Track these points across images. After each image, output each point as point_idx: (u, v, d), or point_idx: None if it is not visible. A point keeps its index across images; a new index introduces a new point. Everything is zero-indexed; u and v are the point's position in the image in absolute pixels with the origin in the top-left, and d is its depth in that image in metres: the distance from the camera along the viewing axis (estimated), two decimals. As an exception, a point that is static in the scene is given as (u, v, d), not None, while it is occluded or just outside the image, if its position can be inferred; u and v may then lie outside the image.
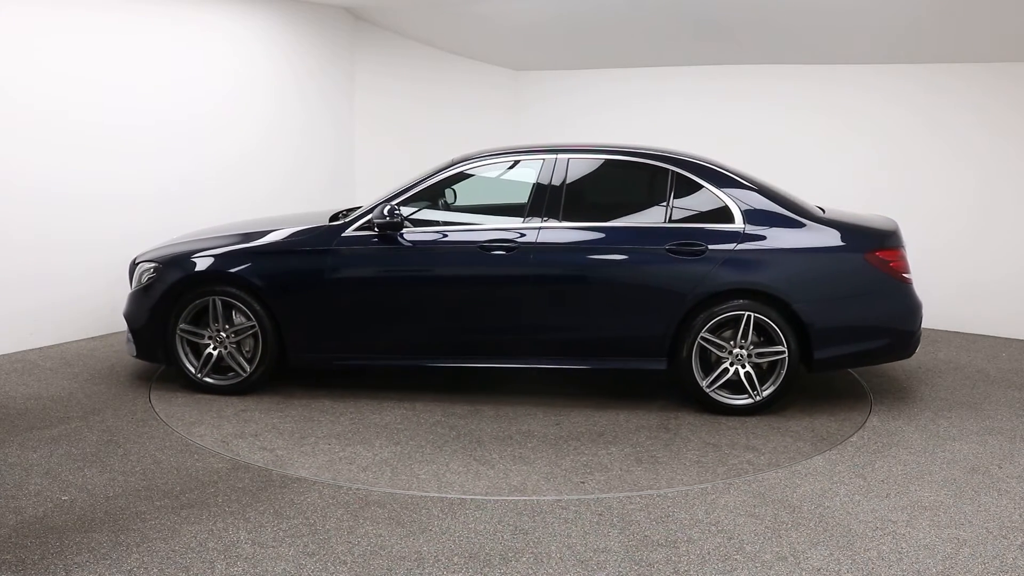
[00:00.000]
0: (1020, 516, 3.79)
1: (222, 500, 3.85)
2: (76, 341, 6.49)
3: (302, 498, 3.88)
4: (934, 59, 7.06)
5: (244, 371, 5.29)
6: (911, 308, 5.13)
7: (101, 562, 3.30)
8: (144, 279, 5.41)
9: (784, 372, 5.02)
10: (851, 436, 4.76)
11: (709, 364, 5.09)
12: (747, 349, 5.03)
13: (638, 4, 7.06)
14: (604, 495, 3.95)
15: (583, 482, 4.12)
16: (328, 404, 5.22)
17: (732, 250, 5.01)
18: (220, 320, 5.27)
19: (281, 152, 7.91)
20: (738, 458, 4.44)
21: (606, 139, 7.25)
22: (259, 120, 7.68)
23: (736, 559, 3.38)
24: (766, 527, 3.66)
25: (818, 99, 7.58)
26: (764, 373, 5.09)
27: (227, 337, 5.30)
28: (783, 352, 4.99)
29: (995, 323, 7.08)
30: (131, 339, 5.45)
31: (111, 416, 4.92)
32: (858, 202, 7.15)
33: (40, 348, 6.27)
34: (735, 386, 5.07)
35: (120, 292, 6.74)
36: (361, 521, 3.67)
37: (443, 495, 3.93)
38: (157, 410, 5.03)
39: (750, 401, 5.05)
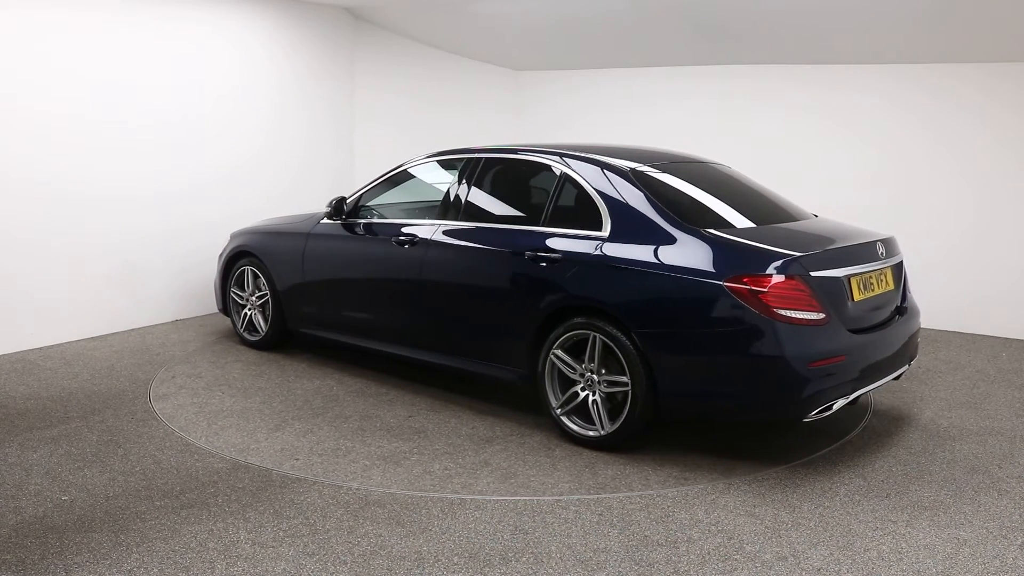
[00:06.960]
0: (1020, 516, 3.79)
1: (222, 500, 3.85)
2: (76, 341, 6.49)
3: (302, 498, 3.88)
4: (934, 59, 7.06)
5: (261, 331, 6.31)
6: (788, 355, 3.94)
7: (101, 562, 3.30)
8: (223, 249, 6.62)
9: (628, 408, 4.28)
10: (851, 436, 4.76)
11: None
12: (598, 375, 4.42)
13: (638, 4, 7.06)
14: (603, 495, 3.96)
15: (297, 459, 4.31)
16: (296, 367, 5.98)
17: (584, 261, 4.46)
18: (250, 287, 6.35)
19: (284, 152, 7.91)
20: (468, 481, 4.08)
21: (605, 139, 7.25)
22: (261, 120, 7.69)
23: (736, 559, 3.38)
24: (766, 527, 3.66)
25: (818, 99, 7.58)
26: (619, 406, 4.38)
27: (253, 302, 6.35)
28: (626, 384, 4.29)
29: (995, 323, 7.08)
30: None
31: (111, 416, 4.92)
32: (857, 202, 7.17)
33: (40, 348, 6.27)
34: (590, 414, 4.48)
35: (119, 293, 6.78)
36: (361, 521, 3.67)
37: (444, 495, 3.94)
38: (157, 410, 5.04)
39: (595, 434, 4.43)
